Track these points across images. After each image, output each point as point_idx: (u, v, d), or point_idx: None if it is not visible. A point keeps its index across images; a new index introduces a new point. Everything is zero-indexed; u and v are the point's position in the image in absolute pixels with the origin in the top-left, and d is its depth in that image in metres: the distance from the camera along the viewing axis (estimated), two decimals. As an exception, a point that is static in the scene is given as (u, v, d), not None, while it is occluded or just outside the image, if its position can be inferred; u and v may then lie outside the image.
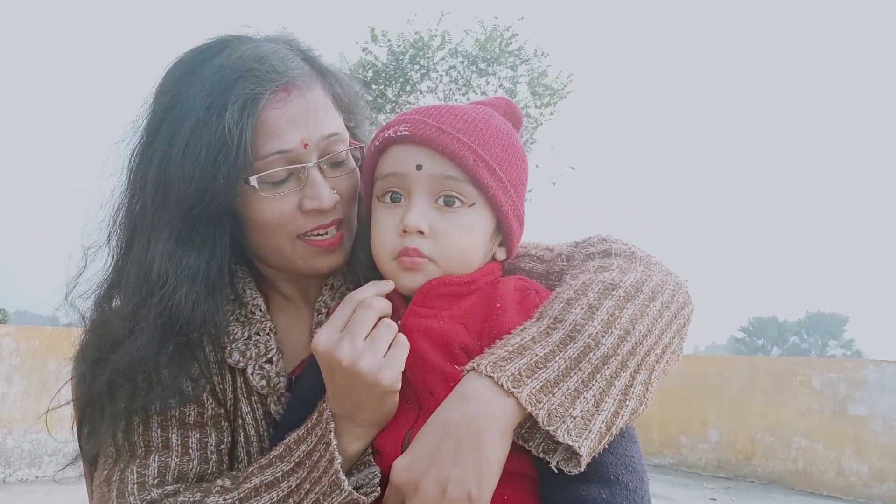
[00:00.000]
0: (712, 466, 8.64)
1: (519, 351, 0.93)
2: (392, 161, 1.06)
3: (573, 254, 1.16)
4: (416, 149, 1.04)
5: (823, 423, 7.78)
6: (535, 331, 0.96)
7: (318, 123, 1.11)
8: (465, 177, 1.04)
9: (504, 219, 1.08)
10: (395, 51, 15.62)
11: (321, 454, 0.99)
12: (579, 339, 0.94)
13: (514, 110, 1.16)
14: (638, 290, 1.02)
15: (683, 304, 1.07)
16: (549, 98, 15.94)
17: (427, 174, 1.03)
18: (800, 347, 65.32)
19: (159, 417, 1.11)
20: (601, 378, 0.92)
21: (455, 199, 1.04)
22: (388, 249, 1.05)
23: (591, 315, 0.97)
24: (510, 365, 0.91)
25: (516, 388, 0.89)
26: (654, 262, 1.12)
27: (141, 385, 1.08)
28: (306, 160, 1.09)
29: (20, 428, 6.53)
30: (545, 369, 0.91)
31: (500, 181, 1.06)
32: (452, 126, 1.05)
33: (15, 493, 6.07)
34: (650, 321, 1.00)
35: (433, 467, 0.89)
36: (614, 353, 0.94)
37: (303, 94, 1.10)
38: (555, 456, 0.90)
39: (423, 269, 1.04)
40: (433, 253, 1.04)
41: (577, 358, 0.93)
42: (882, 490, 7.28)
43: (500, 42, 15.48)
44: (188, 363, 1.11)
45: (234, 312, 1.18)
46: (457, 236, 1.04)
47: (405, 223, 1.02)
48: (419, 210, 1.03)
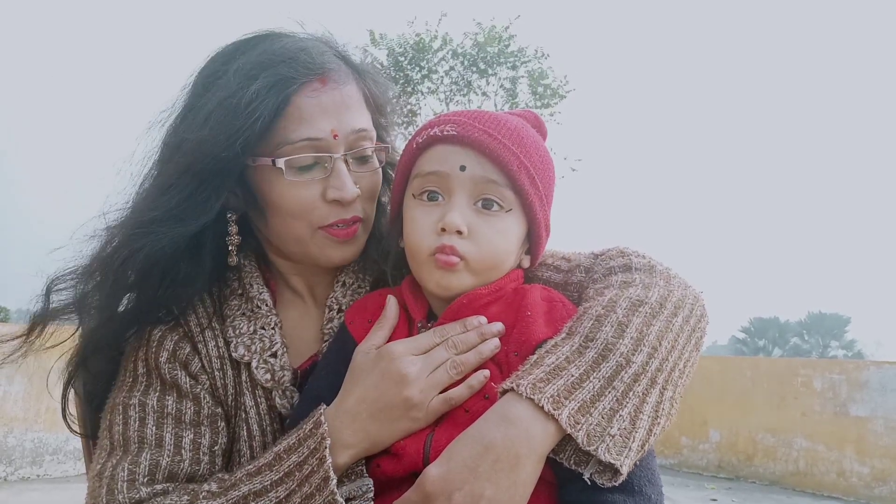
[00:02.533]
0: (713, 467, 8.63)
1: (556, 372, 0.93)
2: (435, 160, 1.06)
3: (592, 266, 1.17)
4: (462, 150, 1.05)
5: (825, 424, 7.77)
6: (569, 349, 0.96)
7: (350, 117, 1.14)
8: (506, 182, 1.05)
9: (536, 227, 1.10)
10: (395, 53, 15.63)
11: (313, 469, 0.98)
12: (611, 357, 0.95)
13: (541, 124, 1.18)
14: (662, 307, 1.03)
15: (700, 317, 1.09)
16: (549, 98, 15.95)
17: (470, 176, 1.04)
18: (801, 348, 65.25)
19: (155, 414, 1.11)
20: (634, 395, 0.93)
21: (494, 203, 1.05)
22: (425, 246, 1.05)
23: (622, 333, 0.98)
24: (548, 387, 0.91)
25: (556, 410, 0.89)
26: (672, 275, 1.13)
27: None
28: (334, 150, 1.12)
29: (21, 427, 6.53)
30: (581, 390, 0.92)
31: (538, 189, 1.08)
32: (497, 131, 1.06)
33: (16, 491, 6.07)
34: (674, 336, 1.01)
35: (468, 483, 0.88)
36: (644, 370, 0.95)
37: (338, 87, 1.14)
38: (587, 468, 0.91)
39: (456, 269, 1.04)
40: (468, 253, 1.04)
41: (610, 377, 0.94)
42: (883, 491, 7.27)
43: (499, 43, 15.49)
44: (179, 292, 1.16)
45: (240, 307, 1.20)
46: (494, 239, 1.05)
47: (446, 222, 1.03)
48: (459, 210, 1.04)
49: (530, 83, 15.89)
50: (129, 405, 1.12)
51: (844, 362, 8.53)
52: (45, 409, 6.57)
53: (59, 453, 6.70)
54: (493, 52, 15.49)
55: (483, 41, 15.51)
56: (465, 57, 15.70)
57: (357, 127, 1.15)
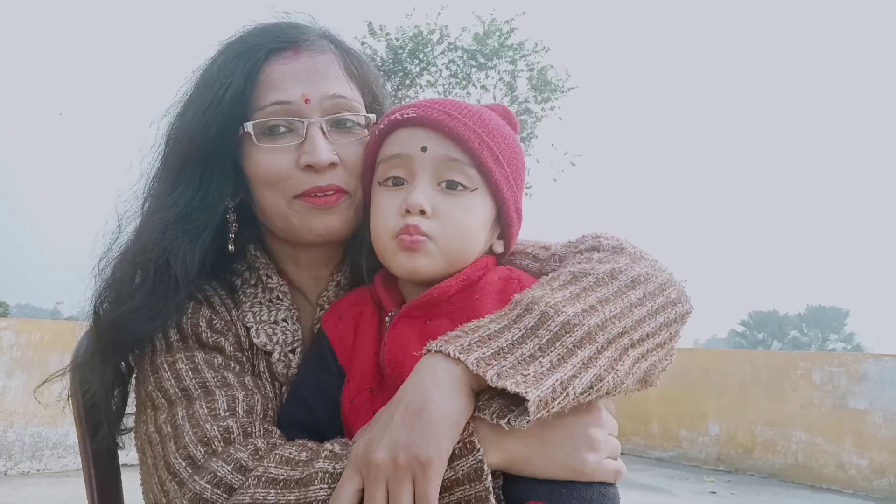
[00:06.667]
0: (712, 460, 8.65)
1: (473, 329, 0.91)
2: (397, 143, 1.07)
3: (565, 254, 1.15)
4: (422, 131, 1.05)
5: (823, 417, 7.79)
6: (496, 314, 0.94)
7: (325, 84, 1.13)
8: (469, 160, 1.05)
9: (505, 208, 1.09)
10: (393, 45, 15.58)
11: None
12: (536, 308, 0.92)
13: (511, 117, 1.17)
14: (612, 278, 0.99)
15: (675, 301, 1.03)
16: (549, 93, 15.91)
17: (432, 156, 1.04)
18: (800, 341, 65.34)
19: (207, 364, 1.07)
20: (561, 345, 0.89)
21: (458, 184, 1.05)
22: (388, 229, 1.05)
23: (552, 293, 0.95)
24: (460, 339, 0.89)
25: (463, 354, 0.86)
26: (646, 257, 1.09)
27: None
28: (307, 115, 1.11)
29: (21, 421, 6.54)
30: (498, 339, 0.89)
31: (503, 168, 1.07)
32: (458, 111, 1.06)
33: (16, 485, 6.08)
34: (625, 305, 0.96)
35: (385, 437, 0.84)
36: (578, 323, 0.90)
37: (311, 56, 1.14)
38: (507, 417, 0.85)
39: (422, 248, 1.03)
40: (433, 231, 1.03)
41: (533, 326, 0.90)
42: (882, 484, 7.29)
43: (499, 36, 15.44)
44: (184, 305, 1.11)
45: (256, 295, 1.19)
46: (459, 216, 1.04)
47: (408, 202, 1.02)
48: (422, 190, 1.03)
49: (530, 77, 15.84)
50: (174, 361, 1.07)
51: (843, 355, 8.55)
52: (44, 404, 6.57)
53: (59, 448, 6.71)
54: (493, 46, 15.44)
55: (482, 34, 15.46)
56: (465, 50, 15.65)
57: (332, 92, 1.12)
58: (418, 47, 15.55)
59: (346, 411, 1.05)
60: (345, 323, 1.12)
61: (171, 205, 1.10)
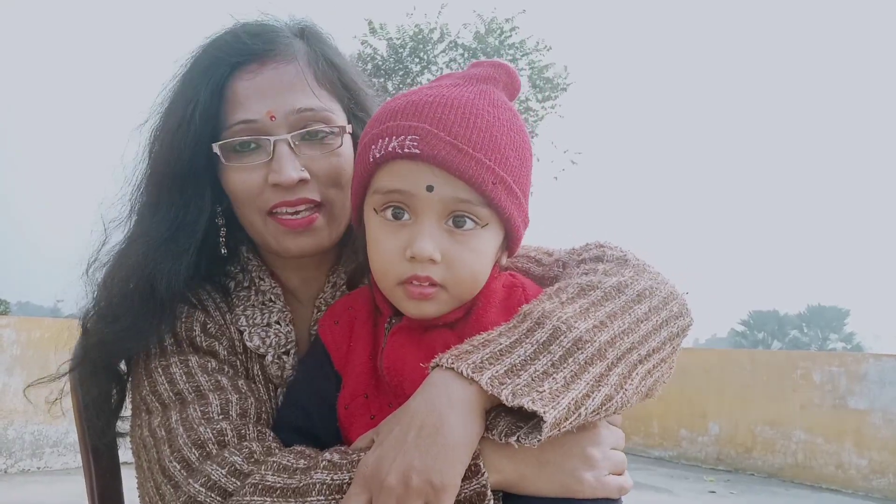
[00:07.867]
0: (712, 459, 8.66)
1: (483, 343, 0.89)
2: (398, 178, 0.94)
3: (568, 260, 1.13)
4: (428, 168, 0.92)
5: (823, 417, 7.79)
6: (505, 327, 0.92)
7: (292, 97, 1.10)
8: (481, 199, 0.94)
9: (514, 231, 1.02)
10: (394, 44, 15.58)
11: None
12: (548, 323, 0.90)
13: (513, 79, 1.05)
14: (619, 292, 0.98)
15: (678, 315, 1.03)
16: (550, 91, 15.90)
17: (439, 196, 0.93)
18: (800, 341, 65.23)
19: (200, 368, 1.08)
20: (573, 362, 0.87)
21: (467, 220, 0.95)
22: (393, 274, 0.97)
23: (562, 307, 0.93)
24: (472, 356, 0.87)
25: (476, 374, 0.84)
26: (648, 269, 1.08)
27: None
28: (273, 133, 1.09)
29: (21, 419, 6.54)
30: (510, 355, 0.87)
31: (516, 198, 0.98)
32: (467, 140, 0.93)
33: (16, 483, 6.09)
34: (632, 320, 0.95)
35: (398, 457, 0.83)
36: (590, 339, 0.89)
37: (278, 68, 1.11)
38: (516, 434, 0.84)
39: (432, 297, 0.97)
40: (445, 279, 0.96)
41: (546, 341, 0.88)
42: (882, 483, 7.29)
43: (500, 35, 15.43)
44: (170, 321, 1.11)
45: (249, 298, 1.18)
46: (469, 261, 0.96)
47: (416, 252, 0.93)
48: (429, 235, 0.94)
49: (531, 76, 15.83)
50: (168, 365, 1.07)
51: (843, 355, 8.55)
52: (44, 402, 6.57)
53: (59, 445, 6.71)
54: (494, 44, 15.43)
55: (483, 32, 15.46)
56: (466, 48, 15.64)
57: (299, 106, 1.10)
58: (419, 46, 15.56)
59: (342, 417, 1.04)
60: (340, 328, 1.11)
61: (154, 227, 1.11)
